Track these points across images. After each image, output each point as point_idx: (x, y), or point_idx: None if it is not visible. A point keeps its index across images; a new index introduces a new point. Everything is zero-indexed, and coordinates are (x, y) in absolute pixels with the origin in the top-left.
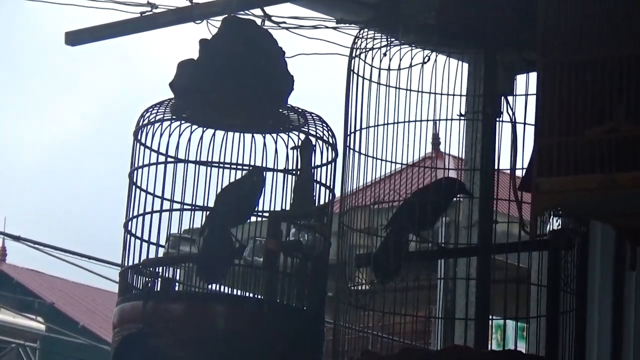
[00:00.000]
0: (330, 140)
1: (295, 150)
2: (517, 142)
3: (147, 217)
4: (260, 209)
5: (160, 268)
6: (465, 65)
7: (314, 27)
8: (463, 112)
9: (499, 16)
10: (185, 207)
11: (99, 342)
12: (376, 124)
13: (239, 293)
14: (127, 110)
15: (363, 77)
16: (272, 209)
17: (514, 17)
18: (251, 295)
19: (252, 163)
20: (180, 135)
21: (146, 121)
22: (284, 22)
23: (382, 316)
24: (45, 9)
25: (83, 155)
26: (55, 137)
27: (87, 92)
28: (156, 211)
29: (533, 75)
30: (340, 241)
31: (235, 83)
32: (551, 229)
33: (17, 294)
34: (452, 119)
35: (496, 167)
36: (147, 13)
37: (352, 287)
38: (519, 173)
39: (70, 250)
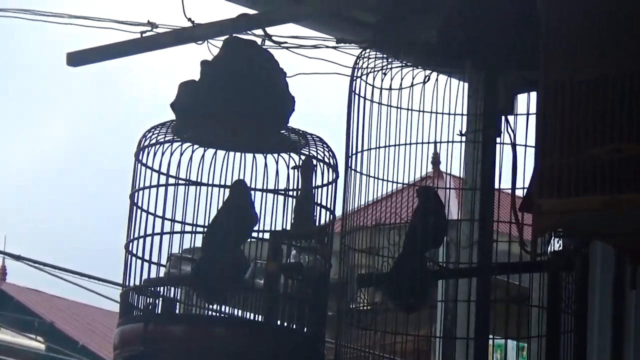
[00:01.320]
0: (331, 162)
1: (295, 171)
2: (517, 162)
3: (149, 237)
4: (260, 229)
5: (162, 289)
6: (466, 85)
7: (315, 46)
8: (463, 132)
9: (500, 36)
10: (187, 227)
11: None
12: (377, 146)
13: (239, 314)
14: (122, 125)
15: (364, 98)
16: (272, 229)
17: (515, 37)
18: (252, 316)
19: (252, 184)
20: (181, 156)
21: (147, 142)
22: (285, 42)
23: (383, 336)
24: (42, 29)
25: (81, 172)
26: (50, 154)
27: (82, 109)
28: (157, 233)
29: (534, 95)
30: (341, 261)
31: (237, 104)
32: (552, 250)
33: (17, 314)
34: (453, 141)
35: (496, 187)
36: (148, 33)
37: (354, 308)
38: (519, 193)
39: (70, 270)
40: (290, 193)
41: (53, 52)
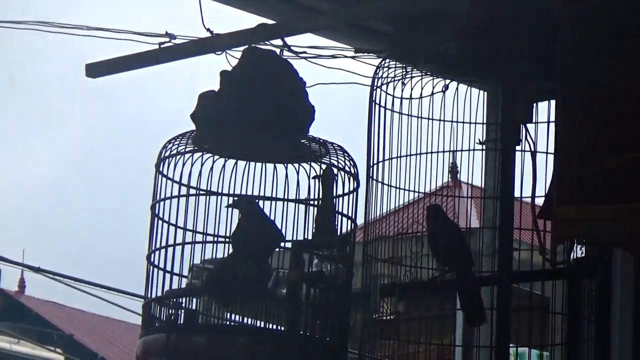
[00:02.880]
0: (352, 170)
1: (316, 180)
2: (537, 170)
3: (170, 249)
4: (282, 240)
5: (184, 299)
6: (486, 94)
7: (333, 56)
8: (482, 140)
9: (518, 46)
10: (208, 238)
11: None
12: (399, 155)
13: (262, 324)
14: (150, 133)
15: (385, 108)
16: (294, 239)
17: (533, 47)
18: (274, 326)
19: (274, 194)
20: (202, 167)
21: (168, 153)
22: (304, 52)
23: (407, 346)
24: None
25: (101, 181)
26: (69, 163)
27: (100, 119)
28: (178, 244)
29: (553, 104)
30: (364, 271)
31: (256, 114)
32: (574, 257)
33: (36, 326)
34: (473, 149)
35: (516, 196)
36: (166, 44)
37: (377, 317)
38: (539, 201)
39: (89, 281)
40: (311, 202)
41: (72, 64)
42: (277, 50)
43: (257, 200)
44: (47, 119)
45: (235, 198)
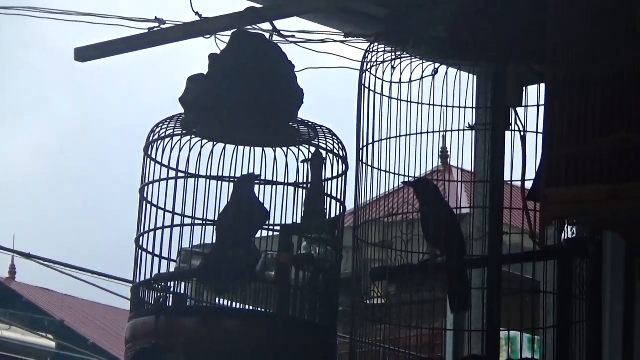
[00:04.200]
0: (341, 153)
1: (305, 164)
2: (526, 153)
3: (159, 232)
4: (271, 222)
5: (173, 283)
6: (475, 78)
7: (323, 41)
8: (472, 124)
9: (509, 29)
10: (197, 221)
11: (109, 359)
12: (388, 137)
13: (251, 307)
14: (130, 121)
15: (374, 91)
16: (283, 222)
17: (524, 30)
18: (263, 309)
19: (263, 177)
20: (190, 150)
21: (156, 136)
22: (293, 36)
23: (398, 329)
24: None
25: (89, 167)
26: (56, 147)
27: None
28: (167, 226)
29: (543, 86)
30: (355, 255)
31: (245, 97)
32: (565, 238)
33: (27, 312)
34: (463, 130)
35: (506, 179)
36: (156, 29)
37: (367, 301)
38: (529, 184)
39: (79, 267)
40: (301, 186)
41: (62, 48)
42: (267, 35)
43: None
44: (35, 102)
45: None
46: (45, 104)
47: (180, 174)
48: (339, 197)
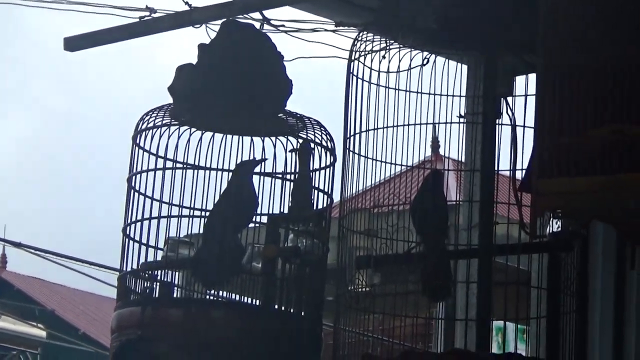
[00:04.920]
0: (329, 145)
1: (293, 154)
2: (517, 143)
3: (146, 221)
4: (258, 214)
5: (159, 272)
6: (465, 67)
7: (313, 30)
8: (463, 114)
9: (499, 19)
10: (184, 211)
11: (100, 349)
12: (376, 127)
13: (237, 298)
14: (119, 108)
15: (362, 80)
16: (270, 213)
17: (514, 19)
18: (249, 301)
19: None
20: (178, 139)
21: (145, 125)
22: (283, 25)
23: (383, 319)
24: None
25: (77, 157)
26: (45, 136)
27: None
28: (155, 217)
29: (533, 77)
30: (340, 244)
31: (234, 87)
32: (551, 231)
33: (17, 301)
34: (451, 122)
35: (496, 169)
36: (146, 18)
37: (353, 290)
38: (518, 174)
39: (70, 256)
40: (288, 177)
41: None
42: (257, 24)
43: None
44: (22, 89)
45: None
46: (32, 95)
47: (168, 163)
48: (326, 189)
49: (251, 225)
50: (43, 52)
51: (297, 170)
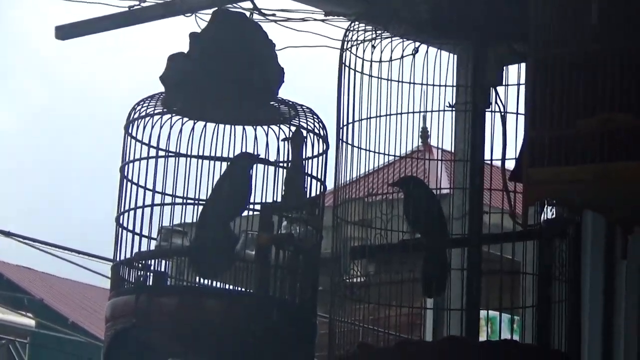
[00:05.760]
0: (321, 132)
1: (286, 143)
2: (507, 133)
3: (139, 210)
4: (251, 201)
5: (153, 261)
6: (456, 57)
7: (303, 19)
8: (452, 103)
9: (489, 8)
10: (177, 200)
11: (89, 338)
12: (368, 117)
13: (231, 287)
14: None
15: (355, 70)
16: (263, 201)
17: (505, 9)
18: (243, 289)
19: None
20: (171, 129)
21: (137, 114)
22: (273, 15)
23: (378, 309)
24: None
25: (70, 146)
26: (35, 125)
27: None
28: (147, 205)
29: (524, 66)
30: (334, 234)
31: (226, 76)
32: (545, 219)
33: (6, 290)
34: (443, 110)
35: (486, 158)
36: (136, 7)
37: (347, 280)
38: (509, 164)
39: (59, 245)
40: (281, 165)
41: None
42: (247, 13)
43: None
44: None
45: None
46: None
47: (160, 152)
48: (319, 177)
49: (245, 213)
50: (26, 43)
51: (290, 158)
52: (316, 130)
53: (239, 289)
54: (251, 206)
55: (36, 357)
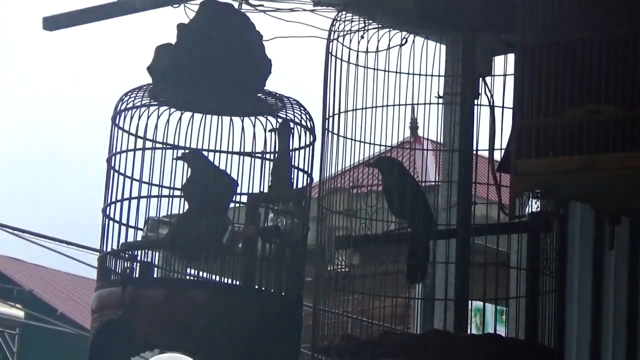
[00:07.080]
0: (308, 124)
1: (272, 134)
2: (495, 123)
3: (126, 201)
4: (237, 193)
5: (139, 252)
6: (443, 47)
7: (291, 10)
8: (441, 94)
9: None
10: (164, 191)
11: (78, 329)
12: (355, 108)
13: (217, 279)
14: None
15: (342, 60)
16: (249, 193)
17: None
18: (229, 280)
19: (230, 147)
20: (158, 120)
21: (124, 105)
22: (261, 5)
23: (362, 300)
24: None
25: (57, 135)
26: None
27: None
28: (134, 197)
29: (511, 57)
30: (319, 224)
31: (213, 67)
32: (530, 212)
33: None
34: (430, 103)
35: (474, 149)
36: None
37: (332, 270)
38: (497, 155)
39: (48, 236)
40: (267, 156)
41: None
42: (235, 4)
43: (204, 152)
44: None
45: (185, 152)
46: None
47: (147, 144)
48: (305, 169)
49: (231, 205)
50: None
51: (277, 149)
52: (303, 122)
53: (225, 280)
54: (237, 198)
55: (25, 348)
